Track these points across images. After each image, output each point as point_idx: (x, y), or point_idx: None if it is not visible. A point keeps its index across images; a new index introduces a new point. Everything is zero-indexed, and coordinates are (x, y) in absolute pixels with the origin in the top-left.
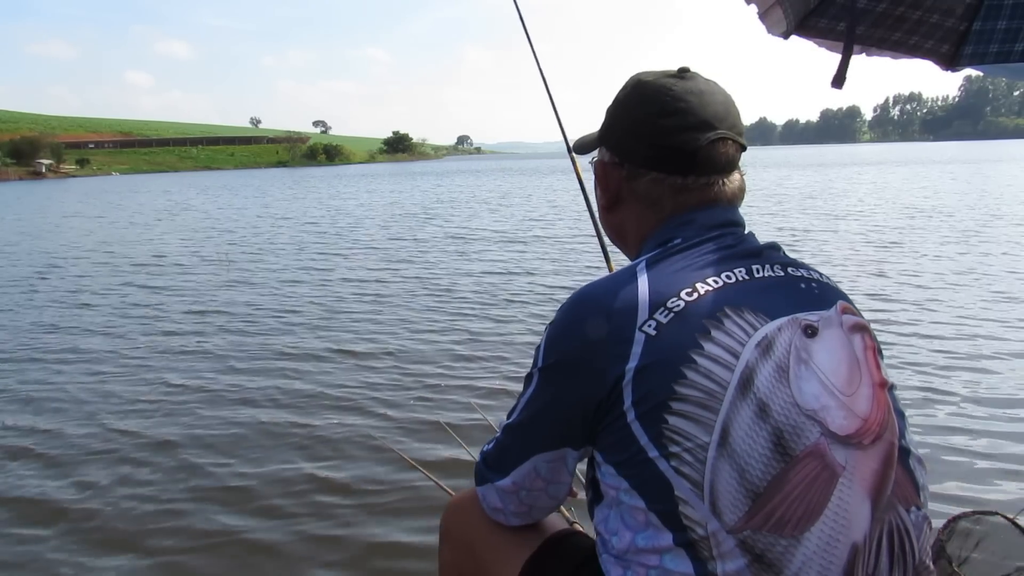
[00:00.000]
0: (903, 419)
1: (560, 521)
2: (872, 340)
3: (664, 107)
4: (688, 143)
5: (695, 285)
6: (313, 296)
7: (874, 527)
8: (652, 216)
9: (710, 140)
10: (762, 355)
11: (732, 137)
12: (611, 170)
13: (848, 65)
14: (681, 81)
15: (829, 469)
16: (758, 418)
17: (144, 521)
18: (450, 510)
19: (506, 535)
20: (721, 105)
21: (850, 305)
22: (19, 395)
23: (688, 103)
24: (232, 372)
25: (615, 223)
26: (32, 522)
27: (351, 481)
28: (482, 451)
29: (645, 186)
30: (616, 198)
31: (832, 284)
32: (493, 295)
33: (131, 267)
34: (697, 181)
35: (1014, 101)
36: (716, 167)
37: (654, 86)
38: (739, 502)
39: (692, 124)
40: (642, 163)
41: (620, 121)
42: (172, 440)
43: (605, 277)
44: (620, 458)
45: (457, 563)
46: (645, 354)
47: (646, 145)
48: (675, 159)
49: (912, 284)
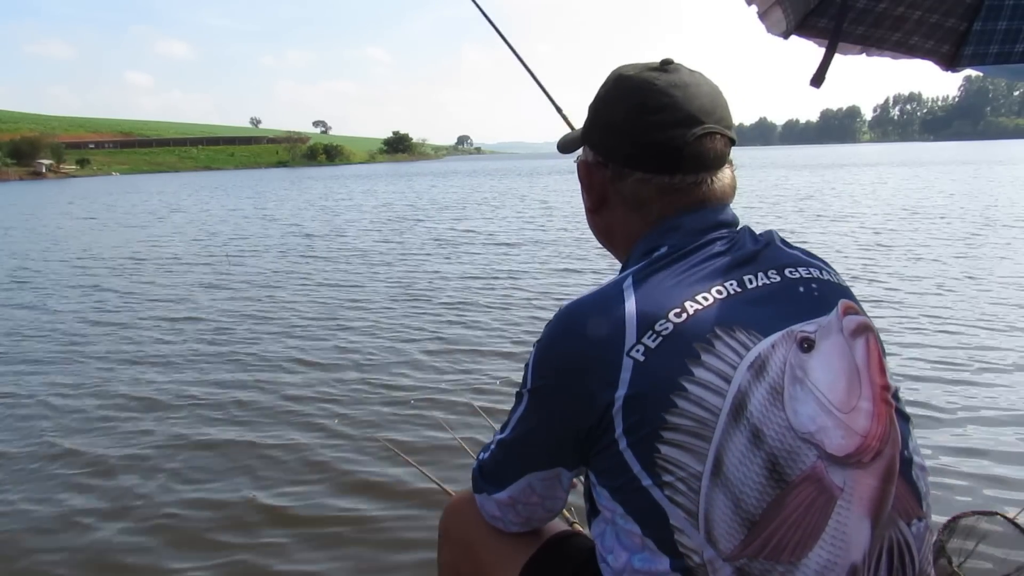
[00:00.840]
0: (907, 423)
1: (560, 522)
2: (876, 341)
3: (647, 102)
4: (674, 140)
5: (684, 304)
6: (310, 296)
7: (873, 545)
8: (639, 218)
9: (697, 136)
10: (755, 377)
11: (720, 131)
12: (594, 170)
13: (829, 65)
14: (664, 74)
15: (826, 493)
16: (752, 445)
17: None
18: (449, 511)
19: (505, 536)
20: (707, 98)
21: (853, 303)
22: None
23: (672, 97)
24: (232, 371)
25: (601, 226)
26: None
27: (351, 481)
28: (479, 459)
29: (630, 187)
30: (601, 200)
31: (834, 280)
32: (494, 294)
33: (105, 270)
34: (685, 180)
35: (1014, 101)
36: (704, 164)
37: (636, 80)
38: (734, 530)
39: (677, 120)
40: (626, 162)
41: (602, 118)
42: (161, 442)
43: (592, 293)
44: (614, 484)
45: (456, 565)
46: (634, 382)
47: (629, 143)
48: (660, 157)
49: (912, 282)
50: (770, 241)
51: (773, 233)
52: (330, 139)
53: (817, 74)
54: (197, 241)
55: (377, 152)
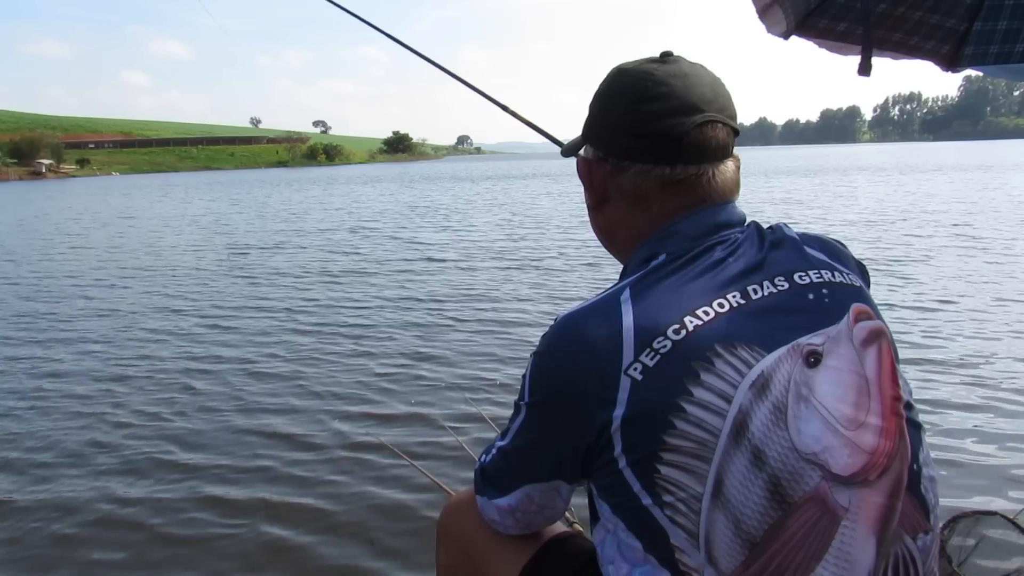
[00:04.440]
0: (918, 432)
1: (560, 523)
2: (889, 347)
3: (645, 92)
4: (673, 128)
5: (683, 320)
6: (309, 296)
7: (879, 563)
8: (641, 215)
9: (697, 124)
10: (757, 397)
11: (722, 120)
12: (595, 166)
13: (871, 51)
14: (663, 65)
15: (830, 513)
16: (753, 466)
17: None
18: (448, 511)
19: (505, 537)
20: (708, 87)
21: (866, 307)
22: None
23: (671, 86)
24: (232, 371)
25: (603, 224)
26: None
27: (350, 480)
28: (480, 460)
29: (630, 180)
30: (602, 197)
31: (847, 281)
32: (493, 295)
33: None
34: (686, 171)
35: (1014, 101)
36: (706, 153)
37: (634, 73)
38: (735, 551)
39: (676, 108)
40: (625, 155)
41: (601, 113)
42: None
43: (588, 305)
44: (614, 500)
45: (454, 565)
46: (632, 401)
47: (628, 135)
48: (660, 147)
49: (912, 279)
50: (780, 240)
51: (783, 228)
52: (330, 139)
53: (863, 63)
54: (161, 240)
55: (377, 152)
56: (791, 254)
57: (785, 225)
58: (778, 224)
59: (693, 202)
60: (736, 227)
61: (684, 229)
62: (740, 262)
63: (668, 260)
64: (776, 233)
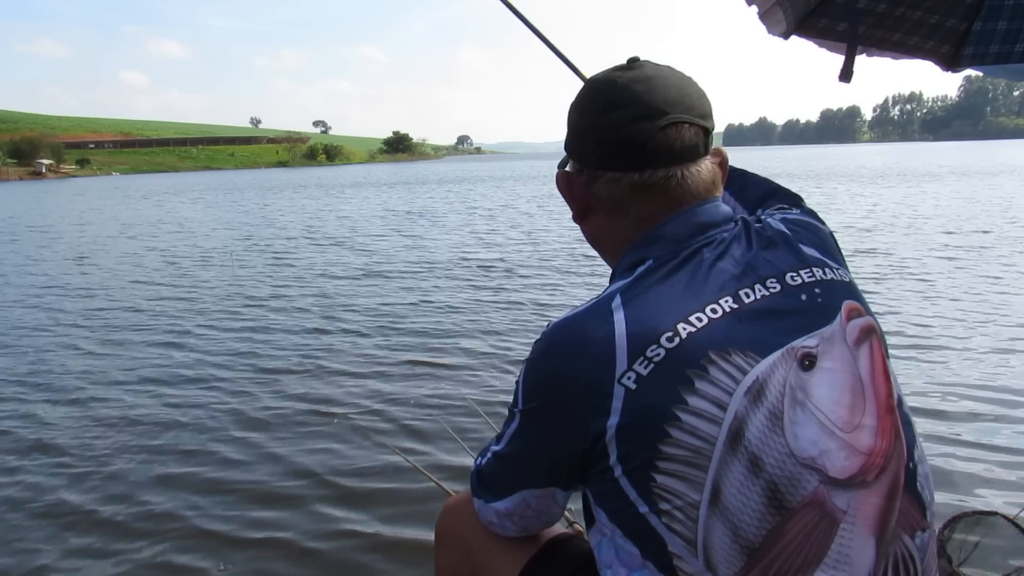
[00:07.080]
0: (911, 427)
1: (560, 523)
2: (880, 345)
3: (609, 101)
4: (638, 134)
5: (676, 327)
6: (308, 296)
7: (879, 563)
8: (621, 221)
9: (660, 127)
10: (752, 403)
11: (689, 120)
12: (573, 178)
13: (854, 59)
14: (627, 72)
15: (829, 516)
16: (750, 473)
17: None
18: (446, 512)
19: (503, 538)
20: (674, 88)
21: (856, 303)
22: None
23: (634, 92)
24: (230, 372)
25: (590, 234)
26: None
27: (349, 480)
28: (476, 463)
29: (604, 189)
30: (583, 208)
31: (838, 277)
32: (494, 293)
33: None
34: (655, 175)
35: (1014, 101)
36: (674, 156)
37: (600, 83)
38: (734, 558)
39: (640, 114)
40: (597, 164)
41: (573, 124)
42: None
43: (580, 312)
44: (611, 507)
45: (453, 566)
46: (626, 411)
47: (597, 144)
48: (627, 153)
49: (913, 278)
50: (771, 238)
51: (771, 223)
52: (330, 139)
53: (844, 69)
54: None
55: (377, 152)
56: (782, 253)
57: (771, 216)
58: (765, 217)
59: (670, 205)
60: (721, 226)
61: (668, 232)
62: (731, 264)
63: (657, 265)
64: (766, 229)
